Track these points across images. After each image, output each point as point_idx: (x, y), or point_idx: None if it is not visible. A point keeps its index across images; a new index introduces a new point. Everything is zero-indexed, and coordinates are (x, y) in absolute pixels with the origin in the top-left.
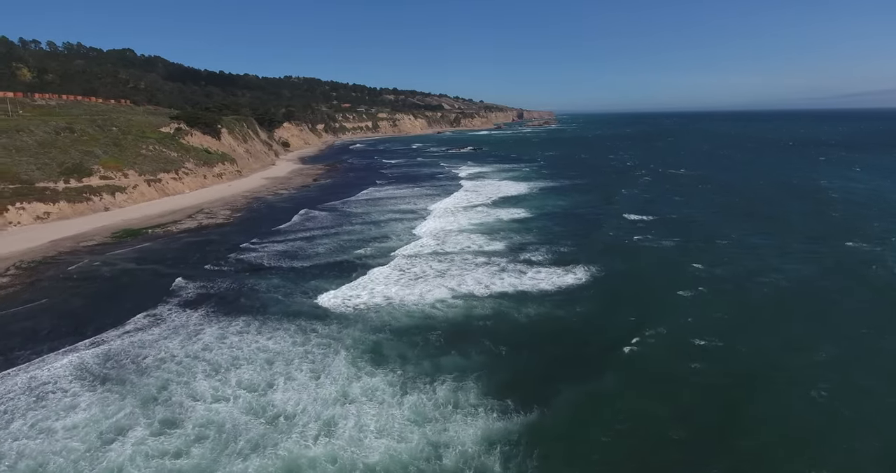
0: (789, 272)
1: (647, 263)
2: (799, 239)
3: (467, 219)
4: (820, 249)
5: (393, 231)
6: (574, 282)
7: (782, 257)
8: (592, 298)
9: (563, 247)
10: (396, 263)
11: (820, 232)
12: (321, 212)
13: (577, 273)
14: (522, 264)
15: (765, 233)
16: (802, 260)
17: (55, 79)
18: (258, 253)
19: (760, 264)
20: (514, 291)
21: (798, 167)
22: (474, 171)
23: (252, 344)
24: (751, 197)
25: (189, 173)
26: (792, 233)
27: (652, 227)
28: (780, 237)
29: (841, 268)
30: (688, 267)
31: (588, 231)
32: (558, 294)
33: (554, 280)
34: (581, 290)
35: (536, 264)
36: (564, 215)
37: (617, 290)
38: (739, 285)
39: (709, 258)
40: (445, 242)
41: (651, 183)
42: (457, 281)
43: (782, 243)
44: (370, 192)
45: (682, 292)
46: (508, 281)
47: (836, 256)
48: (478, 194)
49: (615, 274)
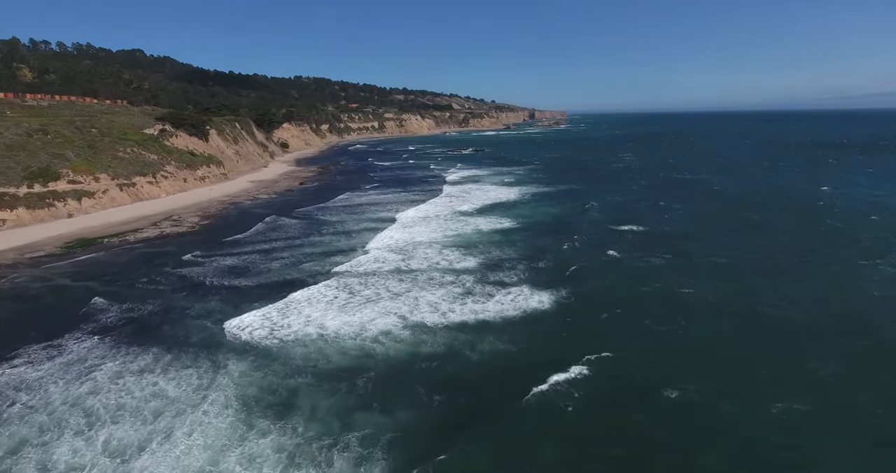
0: (782, 306)
1: (627, 286)
2: (793, 260)
3: (444, 229)
4: (817, 273)
5: (361, 243)
6: (541, 308)
7: (772, 280)
8: (555, 331)
9: (543, 263)
10: (348, 283)
11: (816, 251)
12: (292, 219)
13: (549, 296)
14: (492, 286)
15: (757, 251)
16: (799, 290)
17: (56, 80)
18: (205, 269)
19: (746, 291)
20: (474, 320)
21: (808, 172)
22: (467, 175)
23: (148, 388)
24: (750, 205)
25: (168, 176)
26: (787, 251)
27: (641, 241)
28: (773, 258)
29: (844, 314)
30: (671, 293)
31: (572, 244)
32: (521, 323)
33: (521, 304)
34: (546, 320)
35: (508, 285)
36: (551, 225)
37: (586, 321)
38: (724, 319)
39: (696, 282)
40: (412, 257)
41: (648, 188)
42: (411, 306)
43: (774, 266)
44: (350, 197)
45: (659, 326)
46: (471, 307)
47: (840, 289)
48: (463, 200)
49: (589, 298)
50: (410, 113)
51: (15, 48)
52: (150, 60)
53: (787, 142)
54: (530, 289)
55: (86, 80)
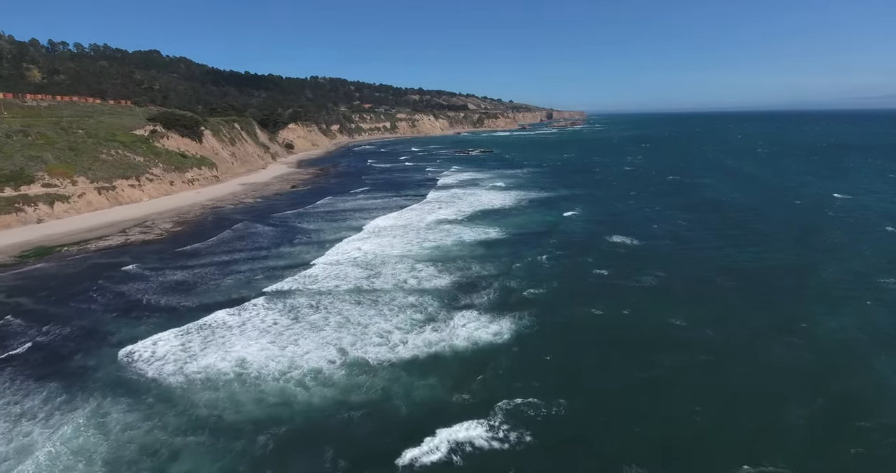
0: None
1: (601, 316)
2: (787, 283)
3: (423, 239)
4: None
5: (328, 255)
6: (497, 342)
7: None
8: (507, 373)
9: (520, 283)
10: (295, 305)
11: (814, 271)
12: (266, 226)
13: (510, 325)
14: (460, 310)
15: (750, 274)
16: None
17: (65, 80)
18: (150, 284)
19: (748, 324)
20: (424, 355)
21: (821, 176)
22: (466, 178)
23: (17, 440)
24: (754, 215)
25: (154, 179)
26: (781, 272)
27: (632, 257)
28: (765, 286)
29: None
30: (659, 325)
31: (558, 260)
32: (472, 361)
33: (478, 334)
34: (494, 358)
35: (475, 309)
36: (541, 236)
37: (535, 364)
38: (721, 364)
39: (691, 311)
40: (379, 274)
41: (650, 195)
42: (358, 336)
43: (762, 297)
44: (335, 202)
45: (638, 373)
46: (426, 338)
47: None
48: (453, 207)
49: (555, 332)
50: (423, 113)
51: (25, 49)
52: (165, 61)
53: (802, 143)
54: (494, 317)
55: (94, 81)
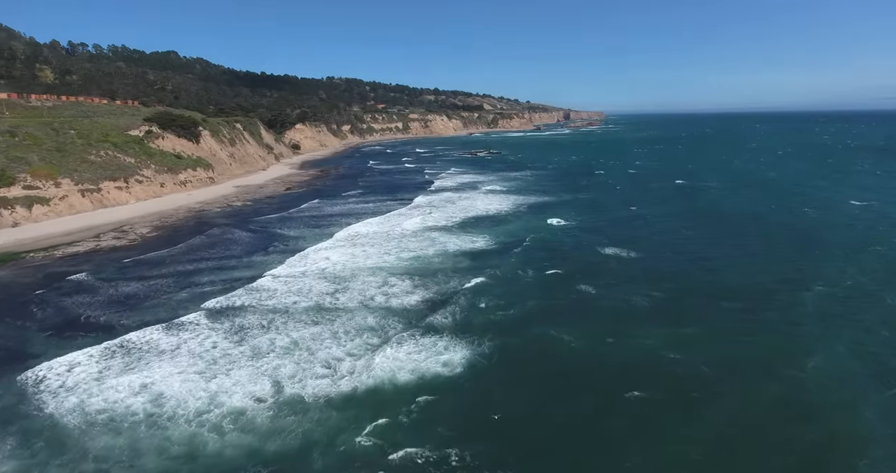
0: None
1: (586, 341)
2: (782, 312)
3: (403, 249)
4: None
5: (298, 266)
6: (447, 375)
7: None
8: (440, 418)
9: (495, 301)
10: (244, 325)
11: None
12: (245, 232)
13: (469, 353)
14: (422, 333)
15: (746, 301)
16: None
17: (77, 81)
18: (97, 298)
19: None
20: (364, 390)
21: (838, 181)
22: (465, 181)
23: None
24: (761, 227)
25: (143, 181)
26: (776, 298)
27: (629, 272)
28: (760, 320)
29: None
30: (645, 356)
31: (545, 273)
32: (407, 400)
33: (428, 366)
34: (441, 394)
35: (437, 332)
36: (533, 246)
37: (496, 407)
38: (712, 406)
39: (686, 339)
40: (347, 289)
41: (658, 201)
42: (301, 365)
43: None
44: (322, 206)
45: (610, 418)
46: (378, 366)
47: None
48: (445, 212)
49: (520, 363)
50: (436, 113)
51: (38, 50)
52: (182, 62)
53: (817, 145)
54: (452, 343)
55: (105, 81)
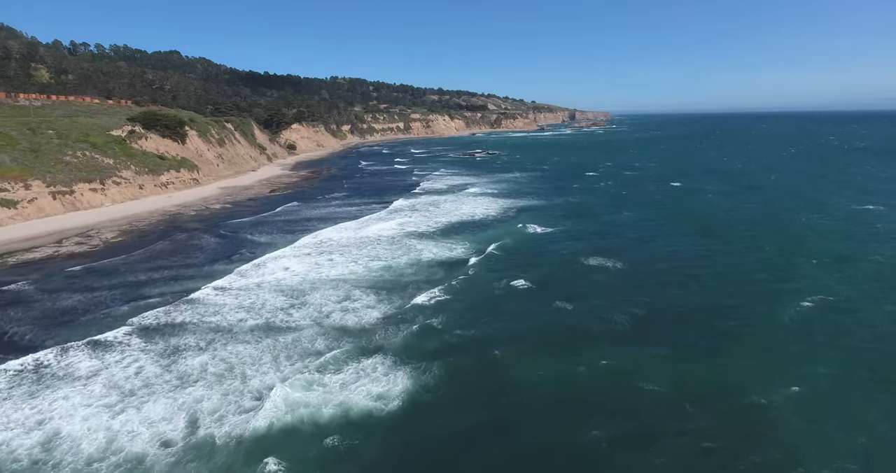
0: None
1: (553, 371)
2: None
3: (374, 257)
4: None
5: (256, 276)
6: (379, 412)
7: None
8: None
9: (461, 319)
10: (177, 346)
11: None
12: (213, 237)
13: (408, 384)
14: (371, 358)
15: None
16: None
17: (73, 80)
18: (31, 312)
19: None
20: (279, 428)
21: (853, 186)
22: (456, 183)
23: None
24: (775, 234)
25: (121, 183)
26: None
27: (614, 287)
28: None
29: None
30: (621, 393)
31: (522, 288)
32: (326, 445)
33: (357, 401)
34: (365, 439)
35: (383, 356)
36: (512, 255)
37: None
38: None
39: (670, 369)
40: (303, 304)
41: (654, 205)
42: (227, 396)
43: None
44: (302, 209)
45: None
46: (303, 400)
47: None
48: (427, 216)
49: (480, 396)
50: (438, 113)
51: (34, 49)
52: (184, 61)
53: (826, 146)
54: (395, 370)
55: (101, 81)
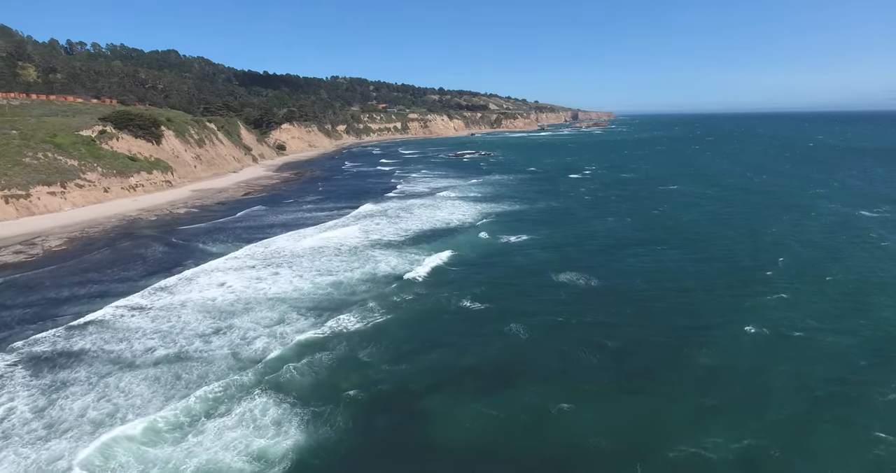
0: None
1: (489, 423)
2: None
3: (324, 272)
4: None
5: (182, 295)
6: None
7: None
8: None
9: (393, 351)
10: (64, 381)
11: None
12: (162, 245)
13: (298, 438)
14: (273, 401)
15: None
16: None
17: (61, 79)
18: None
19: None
20: None
21: (848, 188)
22: (439, 186)
23: None
24: (771, 247)
25: (85, 185)
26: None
27: (582, 308)
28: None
29: None
30: (573, 455)
31: (476, 310)
32: None
33: (224, 459)
34: None
35: (291, 400)
36: (476, 269)
37: None
38: None
39: (638, 419)
40: (231, 327)
41: (643, 210)
42: (76, 448)
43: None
44: (267, 214)
45: None
46: (163, 454)
47: None
48: (398, 223)
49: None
50: (437, 113)
51: (22, 47)
52: (181, 61)
53: (831, 147)
54: (297, 418)
55: (90, 80)
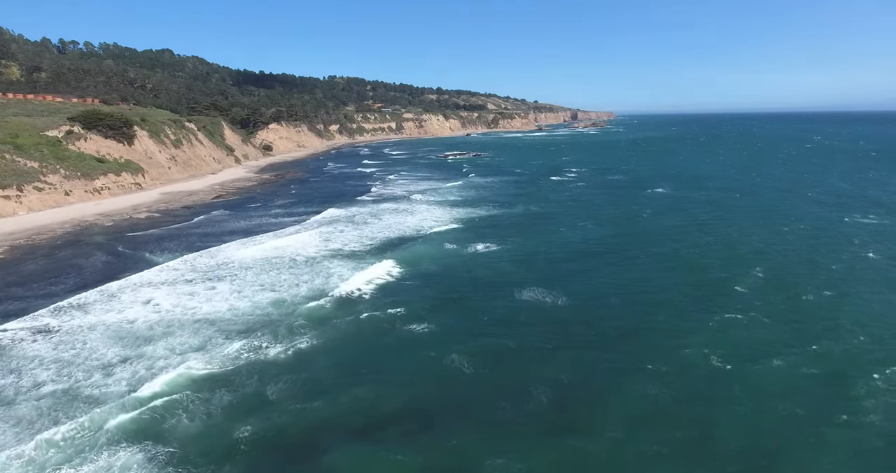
0: None
1: None
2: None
3: (267, 288)
4: None
5: (97, 316)
6: None
7: None
8: None
9: (310, 390)
10: None
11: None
12: (105, 255)
13: None
14: (152, 455)
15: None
16: None
17: (46, 78)
18: None
19: None
20: None
21: (846, 194)
22: (419, 188)
23: None
24: (766, 262)
25: (45, 188)
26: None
27: (539, 331)
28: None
29: None
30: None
31: (417, 332)
32: None
33: None
34: None
35: (173, 453)
36: (431, 286)
37: None
38: None
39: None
40: (139, 357)
41: (629, 216)
42: None
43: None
44: (229, 220)
45: None
46: None
47: None
48: (364, 230)
49: None
50: (433, 113)
51: (6, 46)
52: (175, 60)
53: (830, 147)
54: None
55: (75, 79)
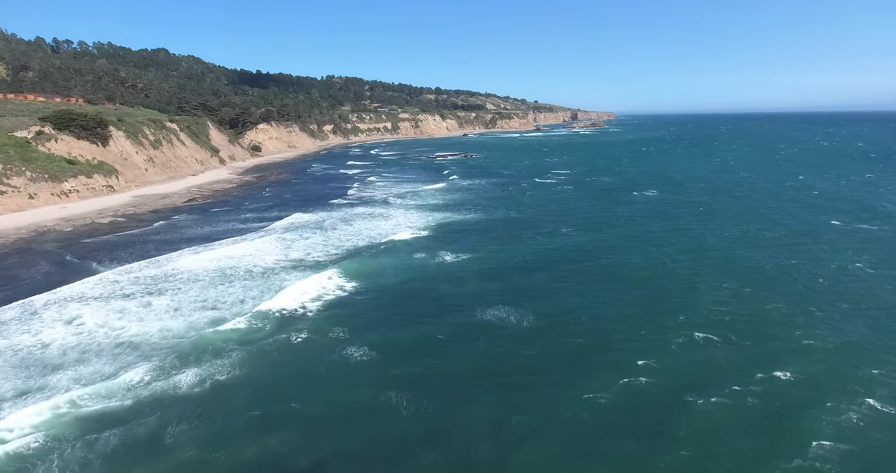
0: None
1: None
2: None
3: (209, 305)
4: None
5: (27, 339)
6: None
7: None
8: None
9: (193, 441)
10: None
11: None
12: (48, 263)
13: None
14: None
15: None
16: None
17: (32, 77)
18: None
19: None
20: None
21: (844, 198)
22: (400, 191)
23: None
24: (759, 276)
25: (7, 191)
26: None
27: (498, 357)
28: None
29: None
30: None
31: (360, 357)
32: None
33: None
34: None
35: None
36: (387, 301)
37: None
38: None
39: None
40: (43, 387)
41: (612, 222)
42: None
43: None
44: (194, 225)
45: None
46: None
47: None
48: (332, 237)
49: None
50: (429, 113)
51: None
52: (170, 59)
53: (827, 148)
54: None
55: (62, 78)
